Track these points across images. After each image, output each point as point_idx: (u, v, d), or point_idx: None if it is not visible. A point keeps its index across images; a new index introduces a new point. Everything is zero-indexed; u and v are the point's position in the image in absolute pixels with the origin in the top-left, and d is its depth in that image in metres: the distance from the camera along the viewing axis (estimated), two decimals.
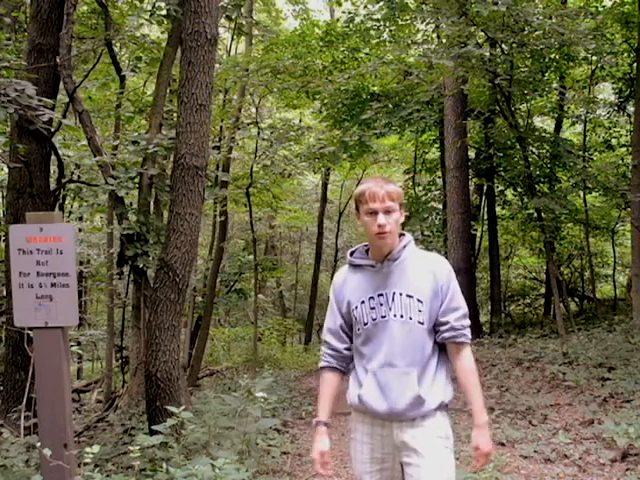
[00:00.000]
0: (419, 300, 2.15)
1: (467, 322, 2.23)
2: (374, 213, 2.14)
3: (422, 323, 2.16)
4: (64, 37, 5.67)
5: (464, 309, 2.23)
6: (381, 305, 2.18)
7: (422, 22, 9.86)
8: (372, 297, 2.19)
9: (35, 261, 3.02)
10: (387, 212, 2.14)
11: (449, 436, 2.20)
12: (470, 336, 2.24)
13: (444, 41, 8.75)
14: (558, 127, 13.51)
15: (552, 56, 9.50)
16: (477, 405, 2.18)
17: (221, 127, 11.64)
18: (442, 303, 2.19)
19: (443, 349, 2.24)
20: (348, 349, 2.29)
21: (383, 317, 2.17)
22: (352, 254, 2.31)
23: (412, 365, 2.14)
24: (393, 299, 2.17)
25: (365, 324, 2.20)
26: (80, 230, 13.53)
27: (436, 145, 14.16)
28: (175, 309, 4.44)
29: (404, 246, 2.22)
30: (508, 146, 11.40)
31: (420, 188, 14.98)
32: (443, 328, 2.19)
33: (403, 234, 2.26)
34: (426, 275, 2.19)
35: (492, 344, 10.10)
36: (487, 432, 2.19)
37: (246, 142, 13.51)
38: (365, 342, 2.21)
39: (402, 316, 2.15)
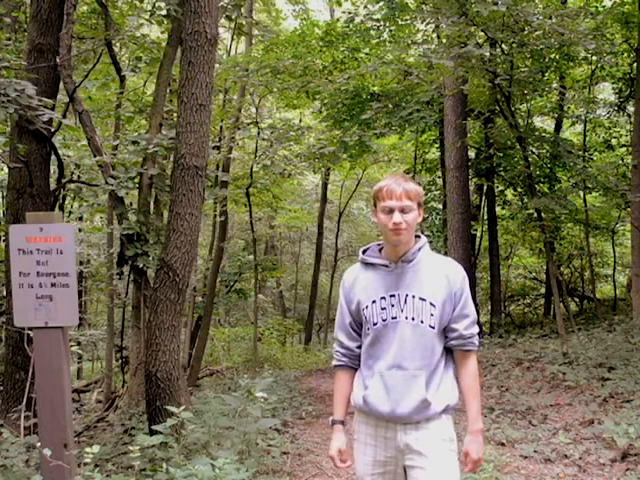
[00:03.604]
0: (432, 304, 2.14)
1: (476, 329, 2.23)
2: (390, 211, 2.11)
3: (433, 327, 2.14)
4: (64, 37, 5.66)
5: (474, 316, 2.22)
6: (392, 306, 2.15)
7: (422, 22, 9.85)
8: (383, 297, 2.17)
9: (35, 261, 3.01)
10: (403, 211, 2.11)
11: (453, 439, 2.20)
12: (477, 343, 2.24)
13: (444, 41, 8.75)
14: (558, 127, 13.52)
15: (552, 56, 9.51)
16: (474, 412, 2.19)
17: (221, 127, 11.64)
18: (454, 309, 2.17)
19: (450, 352, 2.24)
20: (360, 347, 2.28)
21: (394, 318, 2.15)
22: (365, 252, 2.28)
23: (421, 368, 2.13)
24: (405, 301, 2.14)
25: (375, 324, 2.17)
26: (80, 230, 13.52)
27: (436, 145, 14.17)
28: (175, 309, 4.44)
29: (419, 248, 2.19)
30: (508, 146, 11.40)
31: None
32: (452, 335, 2.19)
33: (419, 236, 2.24)
34: (440, 279, 2.17)
35: (492, 344, 10.10)
36: (480, 439, 2.19)
37: (246, 142, 13.52)
38: (373, 342, 2.20)
39: (413, 319, 2.13)
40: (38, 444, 2.96)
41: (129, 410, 6.12)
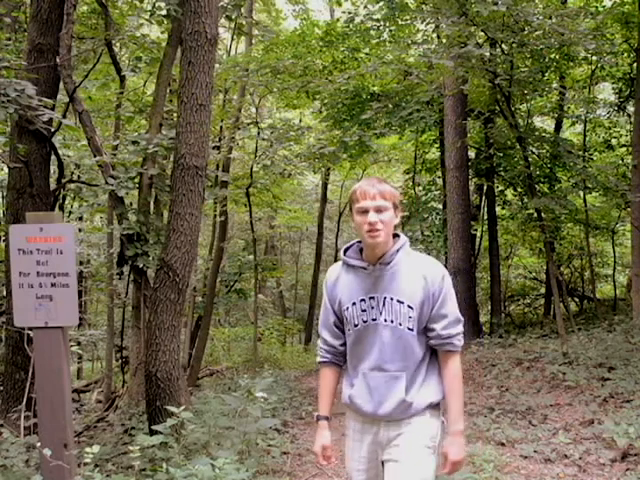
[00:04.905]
0: (409, 306, 2.13)
1: (455, 330, 2.18)
2: (365, 211, 2.10)
3: (412, 329, 2.14)
4: (64, 37, 5.66)
5: (453, 316, 2.18)
6: (372, 308, 2.16)
7: (422, 22, 9.85)
8: (363, 299, 2.18)
9: (35, 261, 3.01)
10: (379, 211, 2.09)
11: (434, 435, 2.19)
12: (459, 344, 2.19)
13: (444, 41, 8.75)
14: (558, 127, 13.51)
15: (552, 56, 9.51)
16: (454, 413, 2.16)
17: (221, 127, 11.64)
18: (432, 309, 2.15)
19: (435, 351, 2.23)
20: (343, 344, 2.30)
21: (374, 320, 2.16)
22: (346, 252, 2.28)
23: (402, 370, 2.15)
24: (384, 304, 2.15)
25: (355, 325, 2.19)
26: (80, 230, 13.53)
27: (436, 145, 14.17)
28: (175, 309, 4.44)
29: (397, 249, 2.17)
30: (508, 146, 11.40)
31: (420, 188, 14.98)
32: (430, 335, 2.18)
33: (398, 235, 2.22)
34: (418, 280, 2.14)
35: (492, 344, 10.09)
36: (460, 441, 2.17)
37: (246, 142, 13.52)
38: (355, 343, 2.22)
39: (392, 321, 2.14)
40: (38, 444, 2.96)
41: (129, 410, 6.13)
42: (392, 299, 2.14)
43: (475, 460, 4.41)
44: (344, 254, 2.27)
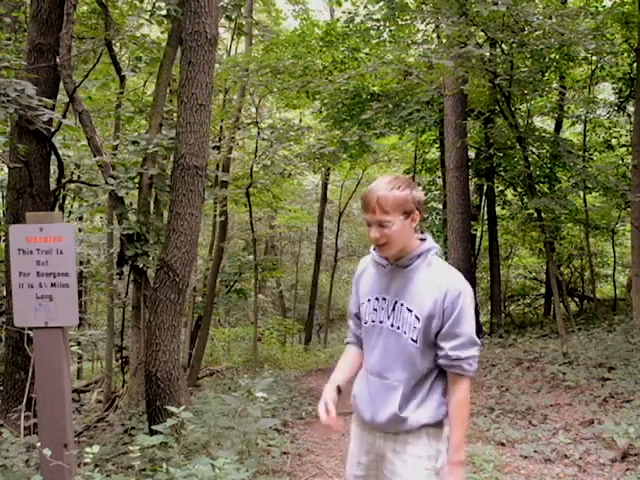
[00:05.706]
0: (416, 317, 2.03)
1: (466, 353, 2.02)
2: (369, 224, 2.03)
3: (415, 341, 2.03)
4: (64, 37, 5.66)
5: (467, 337, 2.02)
6: (382, 309, 2.11)
7: (422, 22, 9.85)
8: (377, 298, 2.14)
9: (35, 261, 3.01)
10: (381, 226, 1.99)
11: (431, 457, 2.08)
12: (469, 368, 2.04)
13: (444, 41, 8.75)
14: (558, 127, 13.52)
15: (552, 56, 9.52)
16: (456, 442, 2.04)
17: (221, 127, 11.65)
18: (442, 326, 2.02)
19: (444, 370, 2.11)
20: None
21: (381, 322, 2.12)
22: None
23: (401, 381, 2.06)
24: (393, 308, 2.08)
25: (366, 322, 2.17)
26: (80, 230, 13.53)
27: (436, 145, 14.17)
28: (175, 309, 4.44)
29: (418, 255, 2.06)
30: (508, 146, 11.41)
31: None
32: (439, 353, 2.05)
33: (424, 239, 2.11)
34: (431, 292, 2.01)
35: (492, 344, 10.10)
36: (460, 471, 2.03)
37: (246, 142, 13.52)
38: (365, 339, 2.20)
39: (398, 328, 2.07)
40: (38, 444, 2.96)
41: (129, 410, 6.13)
42: (402, 305, 2.06)
43: (475, 460, 4.41)
44: (373, 249, 2.18)
